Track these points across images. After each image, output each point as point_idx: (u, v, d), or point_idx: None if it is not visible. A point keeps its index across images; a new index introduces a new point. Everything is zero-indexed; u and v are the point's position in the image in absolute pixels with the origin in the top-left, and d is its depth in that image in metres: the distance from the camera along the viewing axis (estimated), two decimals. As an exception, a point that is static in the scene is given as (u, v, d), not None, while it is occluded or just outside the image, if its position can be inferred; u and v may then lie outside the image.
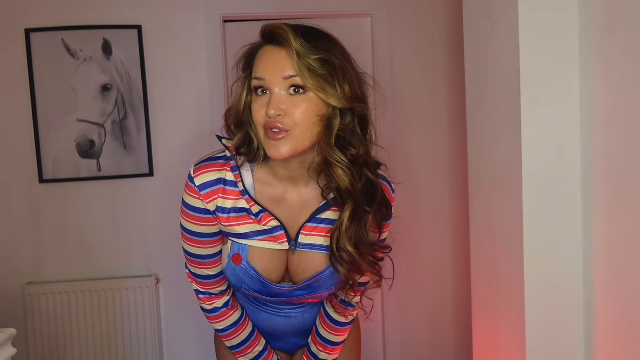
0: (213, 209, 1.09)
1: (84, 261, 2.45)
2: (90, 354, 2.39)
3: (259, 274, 1.13)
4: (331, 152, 1.01)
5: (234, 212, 1.09)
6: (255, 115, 1.02)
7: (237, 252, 1.12)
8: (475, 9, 1.37)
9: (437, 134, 2.60)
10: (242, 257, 1.11)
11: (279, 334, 1.31)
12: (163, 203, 2.41)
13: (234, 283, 1.18)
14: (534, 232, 1.17)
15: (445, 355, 2.68)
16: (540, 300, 1.18)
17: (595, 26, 1.09)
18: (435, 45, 2.56)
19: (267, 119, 0.99)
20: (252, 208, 1.08)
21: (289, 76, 0.98)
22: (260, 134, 1.02)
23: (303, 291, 1.17)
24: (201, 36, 2.43)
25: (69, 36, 2.35)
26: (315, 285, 1.16)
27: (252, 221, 1.09)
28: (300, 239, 1.11)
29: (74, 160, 2.40)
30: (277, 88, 0.99)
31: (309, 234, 1.11)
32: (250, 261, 1.11)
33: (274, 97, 0.99)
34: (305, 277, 1.14)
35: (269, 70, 0.99)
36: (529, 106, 1.14)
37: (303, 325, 1.31)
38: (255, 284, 1.15)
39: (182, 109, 2.42)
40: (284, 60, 0.99)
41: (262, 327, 1.30)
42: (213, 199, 1.08)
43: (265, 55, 1.01)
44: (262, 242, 1.11)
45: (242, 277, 1.14)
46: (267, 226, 1.09)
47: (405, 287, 2.63)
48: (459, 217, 2.59)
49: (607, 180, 1.08)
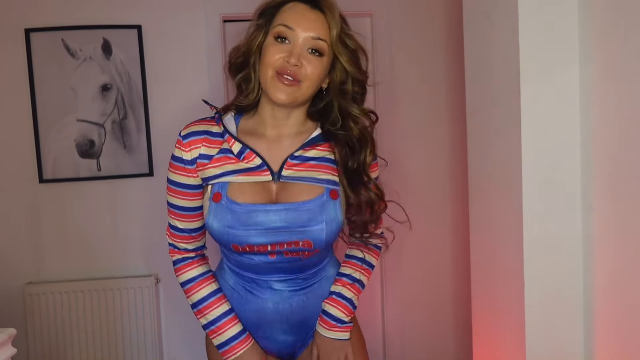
0: (193, 158, 1.18)
1: (84, 261, 2.44)
2: (90, 354, 2.39)
3: (240, 204, 1.15)
4: (351, 108, 1.20)
5: (217, 155, 1.18)
6: (270, 58, 1.12)
7: (217, 191, 1.17)
8: (475, 9, 1.37)
9: (437, 133, 2.60)
10: (222, 194, 1.16)
11: (267, 329, 1.27)
12: (163, 203, 2.39)
13: (218, 229, 1.15)
14: (534, 232, 1.17)
15: (445, 355, 2.68)
16: (540, 301, 1.18)
17: (595, 26, 1.09)
18: (435, 45, 2.56)
19: (284, 65, 1.10)
20: (234, 147, 1.17)
21: (317, 37, 1.12)
22: (267, 75, 1.12)
23: (290, 216, 1.15)
24: (201, 36, 2.43)
25: (69, 36, 2.35)
26: (303, 214, 1.15)
27: (235, 161, 1.17)
28: (283, 172, 1.17)
29: (74, 160, 2.40)
30: (302, 42, 1.11)
31: (292, 168, 1.18)
32: (230, 196, 1.16)
33: (297, 48, 1.11)
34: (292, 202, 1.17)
35: (303, 26, 1.11)
36: (529, 106, 1.14)
37: (292, 317, 1.26)
38: (237, 220, 1.14)
39: (182, 109, 2.42)
40: (319, 22, 1.12)
41: (249, 321, 1.26)
42: (195, 147, 1.18)
43: (300, 10, 1.13)
44: (242, 177, 1.17)
45: (224, 215, 1.15)
46: (250, 164, 1.16)
47: (405, 287, 2.63)
48: (459, 217, 2.59)
49: (607, 180, 1.08)
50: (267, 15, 1.17)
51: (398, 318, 2.64)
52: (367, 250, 1.32)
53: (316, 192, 1.17)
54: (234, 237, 1.16)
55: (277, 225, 1.15)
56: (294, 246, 1.17)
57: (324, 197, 1.17)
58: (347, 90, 1.20)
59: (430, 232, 2.63)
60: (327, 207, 1.17)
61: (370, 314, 2.67)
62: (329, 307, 1.26)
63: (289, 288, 1.25)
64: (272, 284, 1.24)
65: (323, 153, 1.21)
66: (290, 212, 1.15)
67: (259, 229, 1.15)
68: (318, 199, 1.16)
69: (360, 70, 1.19)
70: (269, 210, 1.15)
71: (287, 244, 1.17)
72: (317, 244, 1.18)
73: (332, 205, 1.17)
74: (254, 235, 1.15)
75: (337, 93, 1.20)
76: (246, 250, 1.18)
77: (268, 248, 1.17)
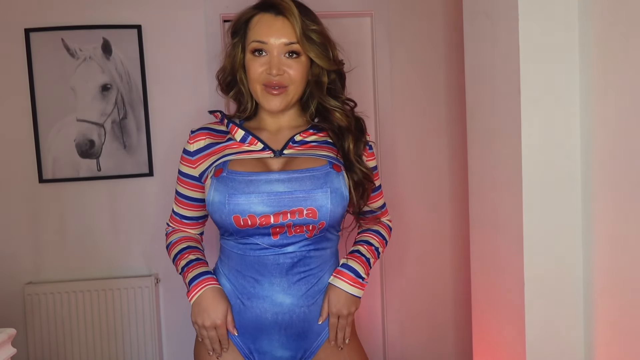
0: (195, 149, 1.26)
1: (83, 261, 2.44)
2: (90, 354, 2.39)
3: (241, 172, 1.18)
4: (327, 101, 1.27)
5: (219, 144, 1.25)
6: (254, 73, 1.21)
7: (219, 168, 1.21)
8: (475, 8, 1.37)
9: (437, 134, 2.60)
10: (223, 168, 1.20)
11: (265, 340, 1.22)
12: (163, 203, 2.41)
13: (219, 201, 1.15)
14: (534, 232, 1.17)
15: (445, 355, 2.68)
16: (540, 300, 1.18)
17: (595, 26, 1.09)
18: (435, 45, 2.56)
19: (268, 78, 1.19)
20: (237, 134, 1.24)
21: (289, 42, 1.19)
22: (257, 89, 1.22)
23: (294, 182, 1.16)
24: (201, 36, 2.43)
25: (69, 36, 2.35)
26: (306, 180, 1.17)
27: (237, 146, 1.24)
28: (285, 151, 1.23)
29: (73, 160, 2.40)
30: (277, 51, 1.19)
31: (294, 148, 1.24)
32: (230, 168, 1.19)
33: (274, 59, 1.19)
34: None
35: (273, 36, 1.19)
36: (529, 106, 1.14)
37: (291, 325, 1.21)
38: (238, 188, 1.15)
39: (182, 109, 2.42)
40: (286, 28, 1.19)
41: (248, 330, 1.22)
42: (200, 139, 1.27)
43: (266, 22, 1.20)
44: (243, 155, 1.22)
45: (225, 185, 1.16)
46: (252, 147, 1.23)
47: (405, 287, 2.63)
48: (459, 217, 2.59)
49: (607, 180, 1.08)
50: (239, 32, 1.24)
51: (398, 318, 2.64)
52: (380, 224, 1.40)
53: (319, 163, 1.21)
54: (235, 206, 1.14)
55: (279, 191, 1.15)
56: (298, 216, 1.15)
57: (327, 167, 1.20)
58: (322, 82, 1.26)
59: (430, 232, 2.63)
60: (331, 176, 1.19)
61: (370, 314, 2.67)
62: (351, 261, 1.27)
63: (289, 299, 1.20)
64: (274, 294, 1.20)
65: (324, 138, 1.28)
66: (294, 178, 1.17)
67: (261, 196, 1.15)
68: (322, 168, 1.20)
69: (330, 61, 1.24)
70: (270, 177, 1.17)
71: (290, 213, 1.15)
72: (322, 214, 1.16)
73: (336, 176, 1.19)
74: (255, 203, 1.14)
75: (313, 86, 1.27)
76: (248, 224, 1.15)
77: (271, 219, 1.15)
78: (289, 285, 1.20)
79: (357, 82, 2.44)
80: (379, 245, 1.34)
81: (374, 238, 1.35)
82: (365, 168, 1.26)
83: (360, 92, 2.54)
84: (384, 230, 1.39)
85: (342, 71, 1.29)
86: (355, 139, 1.26)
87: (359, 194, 1.25)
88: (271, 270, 1.20)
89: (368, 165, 1.28)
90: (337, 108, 1.27)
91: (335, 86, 1.28)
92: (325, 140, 1.27)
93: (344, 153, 1.25)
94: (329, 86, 1.27)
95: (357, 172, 1.24)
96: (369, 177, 1.27)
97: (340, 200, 1.18)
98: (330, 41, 1.25)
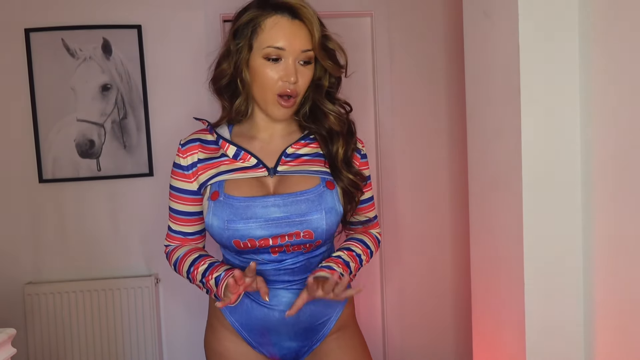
0: (190, 163, 1.23)
1: (83, 261, 2.44)
2: (90, 353, 2.39)
3: (238, 197, 1.15)
4: (324, 104, 1.24)
5: (213, 160, 1.22)
6: (269, 81, 1.15)
7: (215, 190, 1.18)
8: (475, 8, 1.37)
9: (437, 134, 2.60)
10: (220, 191, 1.18)
11: (273, 335, 1.25)
12: (163, 203, 2.39)
13: (218, 226, 1.14)
14: (534, 232, 1.17)
15: (445, 355, 2.68)
16: (540, 301, 1.18)
17: (595, 26, 1.09)
18: (435, 45, 2.56)
19: (283, 86, 1.15)
20: (229, 151, 1.21)
21: (306, 50, 1.15)
22: (267, 97, 1.17)
23: (289, 206, 1.14)
24: (201, 36, 2.43)
25: (69, 36, 2.35)
26: (301, 204, 1.15)
27: (229, 162, 1.21)
28: (278, 168, 1.21)
29: (73, 160, 2.40)
30: (292, 58, 1.15)
31: (287, 164, 1.21)
32: (227, 192, 1.17)
33: (291, 67, 1.14)
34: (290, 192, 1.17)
35: (292, 43, 1.14)
36: (529, 106, 1.14)
37: (298, 324, 1.24)
38: (236, 214, 1.14)
39: (182, 109, 2.42)
40: (304, 33, 1.15)
41: (255, 327, 1.24)
42: (192, 153, 1.23)
43: (283, 26, 1.14)
44: (238, 174, 1.19)
45: (223, 211, 1.15)
46: (246, 163, 1.20)
47: (405, 288, 2.63)
48: (459, 217, 2.59)
49: (607, 180, 1.08)
50: (244, 33, 1.17)
51: (398, 318, 2.64)
52: (367, 234, 1.34)
53: (313, 183, 1.19)
54: (234, 232, 1.15)
55: (276, 216, 1.15)
56: (295, 238, 1.17)
57: (321, 187, 1.19)
58: (322, 85, 1.24)
59: (430, 232, 2.63)
60: (325, 196, 1.18)
61: (370, 314, 2.66)
62: (340, 252, 1.25)
63: (295, 297, 1.21)
64: (280, 295, 1.22)
65: (315, 149, 1.25)
66: (289, 202, 1.16)
67: (259, 221, 1.15)
68: (315, 189, 1.18)
69: (339, 67, 1.23)
70: (267, 202, 1.16)
71: (288, 236, 1.16)
72: (318, 234, 1.18)
73: (330, 195, 1.19)
74: (254, 228, 1.15)
75: (313, 89, 1.24)
76: (248, 246, 1.17)
77: (270, 242, 1.16)
78: (293, 286, 1.23)
79: (357, 82, 2.44)
80: (361, 252, 1.29)
81: (357, 245, 1.30)
82: (353, 175, 1.23)
83: (360, 92, 2.54)
84: (369, 239, 1.33)
85: (340, 74, 1.27)
86: (345, 142, 1.24)
87: (346, 201, 1.22)
88: (273, 280, 1.22)
89: (358, 171, 1.25)
90: (333, 112, 1.24)
91: (334, 89, 1.27)
92: (317, 152, 1.25)
93: (332, 158, 1.22)
94: (327, 89, 1.25)
95: (344, 179, 1.21)
96: (357, 185, 1.24)
97: (335, 217, 1.19)
98: (342, 49, 1.22)
